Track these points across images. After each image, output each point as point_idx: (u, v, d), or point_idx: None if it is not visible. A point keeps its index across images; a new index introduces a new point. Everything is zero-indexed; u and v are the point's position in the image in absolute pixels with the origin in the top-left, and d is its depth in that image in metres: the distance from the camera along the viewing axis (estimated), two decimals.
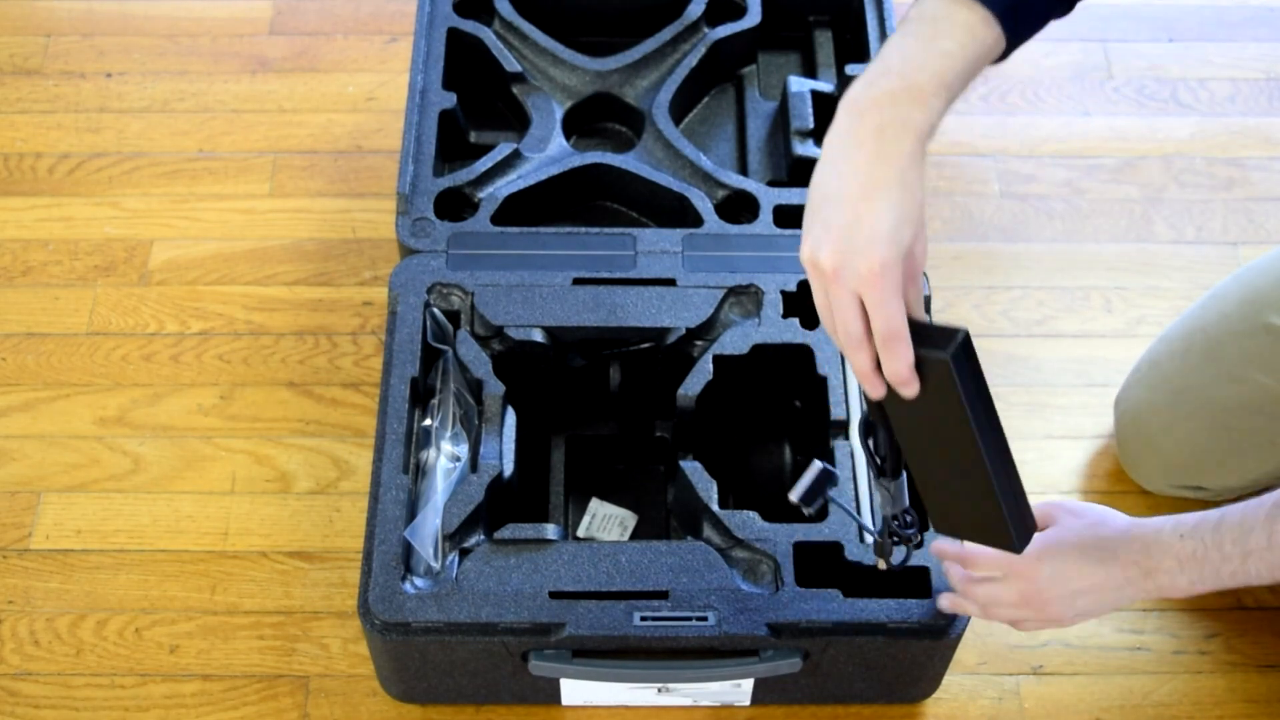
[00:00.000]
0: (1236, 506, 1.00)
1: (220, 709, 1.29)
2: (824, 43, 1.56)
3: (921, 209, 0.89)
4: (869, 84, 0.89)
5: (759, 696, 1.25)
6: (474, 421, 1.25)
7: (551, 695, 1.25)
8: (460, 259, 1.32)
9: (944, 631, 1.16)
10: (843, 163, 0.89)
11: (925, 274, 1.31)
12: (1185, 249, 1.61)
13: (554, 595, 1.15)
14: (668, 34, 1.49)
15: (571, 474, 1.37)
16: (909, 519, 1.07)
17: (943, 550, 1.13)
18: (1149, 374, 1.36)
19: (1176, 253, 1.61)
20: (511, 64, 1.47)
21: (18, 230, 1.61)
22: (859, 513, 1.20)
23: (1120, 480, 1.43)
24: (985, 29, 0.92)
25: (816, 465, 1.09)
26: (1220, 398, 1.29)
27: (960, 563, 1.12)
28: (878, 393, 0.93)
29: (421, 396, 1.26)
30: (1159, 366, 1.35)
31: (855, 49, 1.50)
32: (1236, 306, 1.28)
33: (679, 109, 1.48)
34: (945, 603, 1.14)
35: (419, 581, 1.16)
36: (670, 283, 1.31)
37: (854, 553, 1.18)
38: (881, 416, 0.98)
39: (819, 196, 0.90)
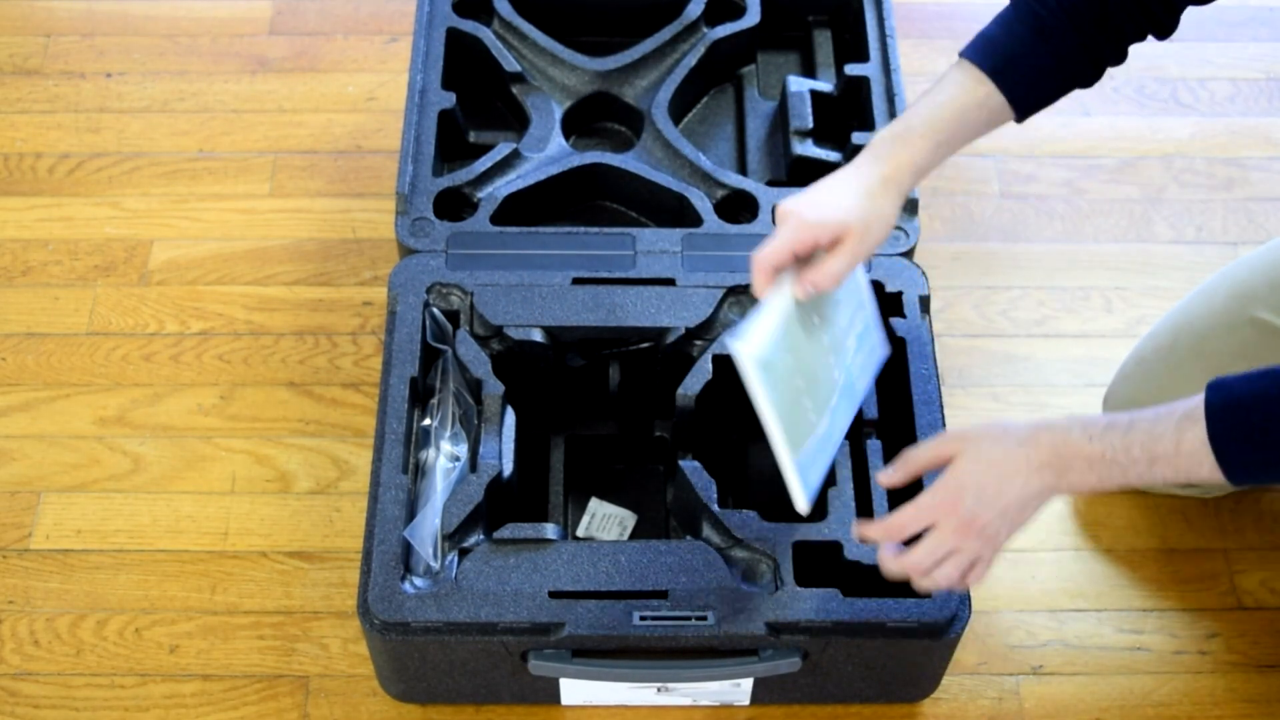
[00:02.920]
0: (1147, 412, 1.02)
1: (220, 709, 1.29)
2: (823, 42, 1.56)
3: (872, 216, 1.09)
4: (889, 127, 1.13)
5: (758, 696, 1.26)
6: (473, 421, 1.25)
7: (551, 695, 1.25)
8: (459, 259, 1.32)
9: (943, 631, 1.16)
10: (837, 173, 1.12)
11: (925, 274, 1.32)
12: (1185, 249, 1.61)
13: (553, 595, 1.15)
14: (667, 34, 1.49)
15: (571, 474, 1.37)
16: None
17: (866, 533, 1.10)
18: (1136, 370, 1.36)
19: (1176, 253, 1.61)
20: (511, 64, 1.47)
21: (18, 230, 1.61)
22: (858, 510, 1.20)
23: None
24: (976, 84, 1.11)
25: None
26: None
27: (886, 534, 1.09)
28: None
29: (421, 396, 1.26)
30: (1146, 363, 1.35)
31: (854, 49, 1.50)
32: (1223, 301, 1.29)
33: (678, 109, 1.48)
34: (891, 567, 1.09)
35: (418, 581, 1.16)
36: (669, 282, 1.31)
37: (853, 552, 1.18)
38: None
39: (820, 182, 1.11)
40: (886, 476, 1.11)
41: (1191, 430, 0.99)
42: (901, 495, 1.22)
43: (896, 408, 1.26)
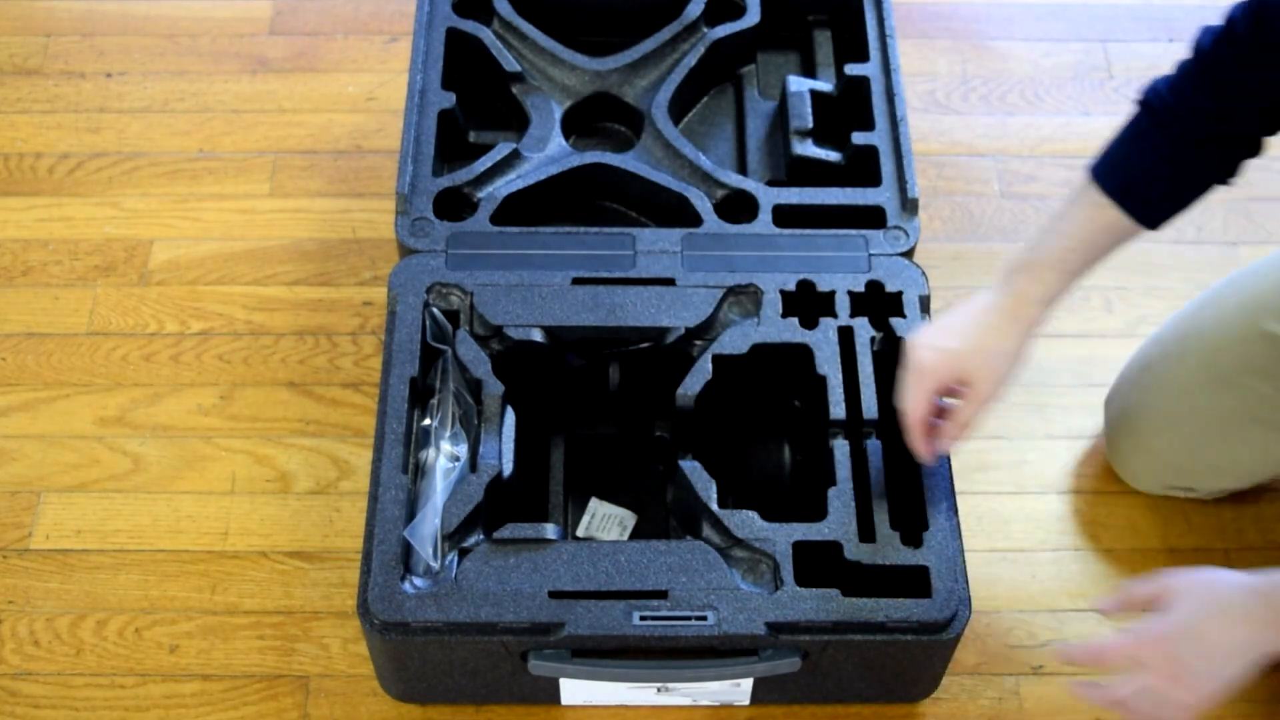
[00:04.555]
0: None
1: (220, 709, 1.29)
2: (823, 42, 1.56)
3: (994, 355, 1.12)
4: (1020, 252, 1.14)
5: (758, 696, 1.25)
6: (473, 421, 1.25)
7: (551, 695, 1.25)
8: (459, 259, 1.32)
9: (943, 631, 1.16)
10: (968, 310, 1.15)
11: (925, 274, 1.32)
12: (1185, 249, 1.61)
13: (553, 595, 1.15)
14: (667, 34, 1.49)
15: (571, 474, 1.37)
16: None
17: (1073, 656, 1.09)
18: (1142, 377, 1.36)
19: (1176, 253, 1.61)
20: (511, 64, 1.47)
21: (18, 230, 1.61)
22: (858, 510, 1.20)
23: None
24: (1103, 210, 1.10)
25: None
26: (1217, 403, 1.28)
27: (1093, 660, 1.08)
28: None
29: (421, 396, 1.26)
30: (1152, 370, 1.34)
31: (854, 49, 1.50)
32: (1234, 312, 1.28)
33: (678, 109, 1.48)
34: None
35: (418, 581, 1.16)
36: (669, 282, 1.31)
37: (853, 552, 1.18)
38: None
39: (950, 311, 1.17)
40: (1106, 607, 1.10)
41: None
42: (909, 500, 1.22)
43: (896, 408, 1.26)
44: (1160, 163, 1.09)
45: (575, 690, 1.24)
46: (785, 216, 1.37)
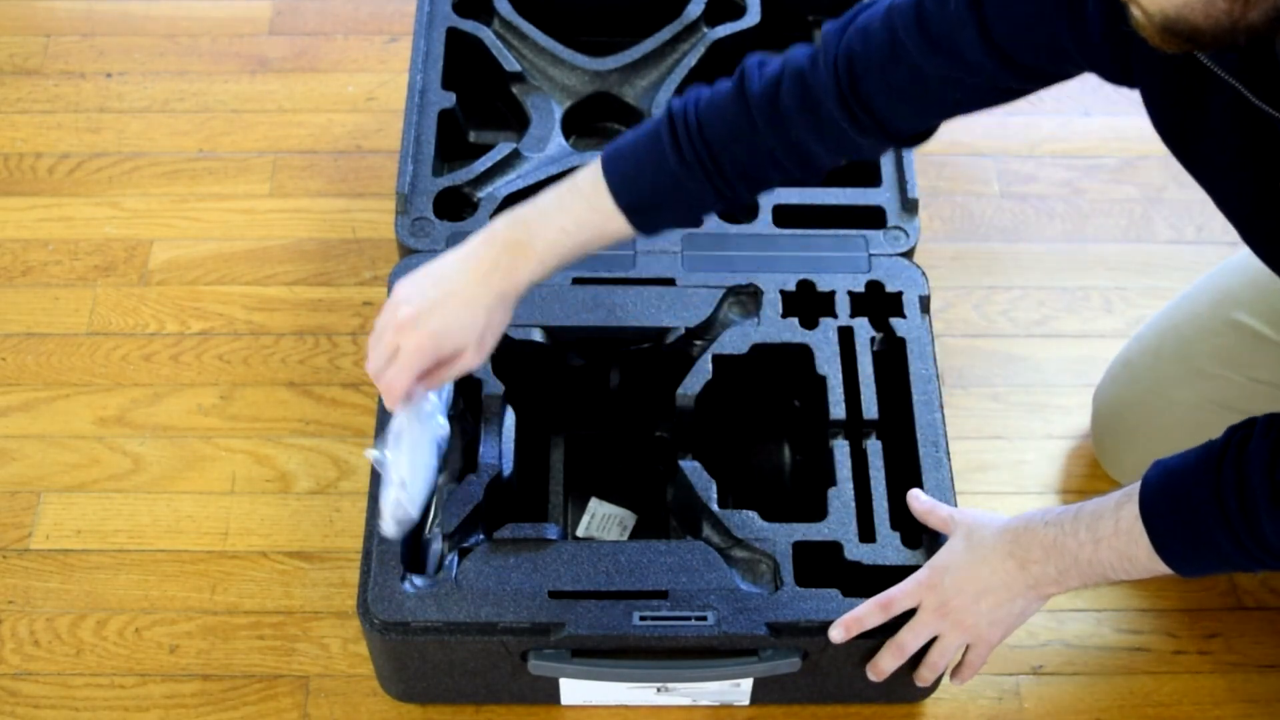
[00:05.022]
0: (1101, 497, 1.03)
1: (220, 709, 1.29)
2: None
3: (484, 330, 1.06)
4: (509, 221, 1.07)
5: (758, 696, 1.25)
6: (469, 417, 1.25)
7: (551, 695, 1.25)
8: None
9: None
10: (454, 265, 1.07)
11: (925, 274, 1.32)
12: (1185, 249, 1.61)
13: (553, 595, 1.15)
14: (667, 34, 1.49)
15: (571, 474, 1.37)
16: None
17: (853, 619, 1.13)
18: (1122, 373, 1.36)
19: (1176, 253, 1.61)
20: (511, 64, 1.47)
21: (18, 230, 1.61)
22: (858, 510, 1.20)
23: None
24: (609, 216, 1.06)
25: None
26: (1192, 395, 1.29)
27: (877, 606, 1.13)
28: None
29: None
30: (1131, 365, 1.35)
31: None
32: (1207, 305, 1.29)
33: None
34: (837, 634, 1.13)
35: (418, 581, 1.16)
36: (669, 282, 1.31)
37: (853, 552, 1.18)
38: None
39: (432, 267, 1.08)
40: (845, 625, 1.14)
41: (1128, 506, 1.00)
42: (904, 495, 1.22)
43: (896, 408, 1.26)
44: (674, 181, 1.06)
45: (575, 690, 1.24)
46: (785, 216, 1.37)
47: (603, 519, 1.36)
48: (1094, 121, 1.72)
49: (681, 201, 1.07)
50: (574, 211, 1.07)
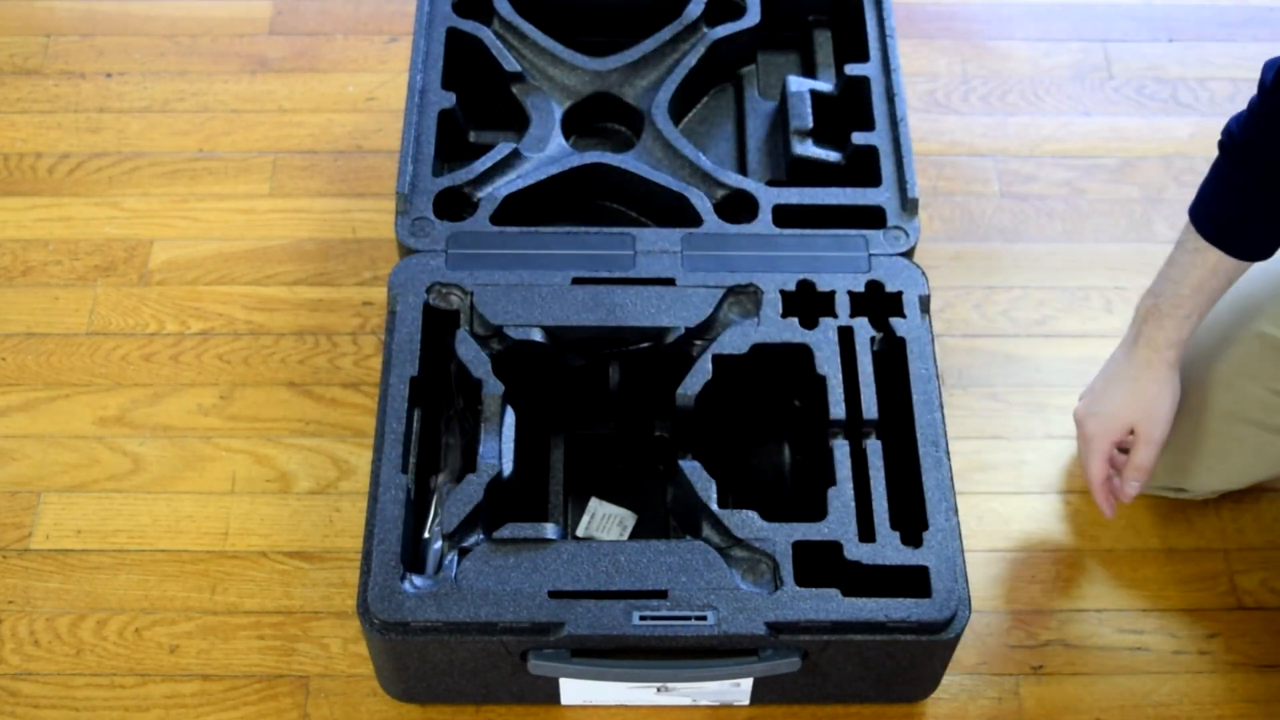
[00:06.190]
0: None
1: (220, 709, 1.29)
2: (823, 42, 1.56)
3: (1151, 401, 1.24)
4: (1145, 296, 1.23)
5: (758, 696, 1.25)
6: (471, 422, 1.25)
7: (551, 695, 1.25)
8: (459, 259, 1.32)
9: (943, 630, 1.16)
10: (1111, 359, 1.28)
11: (925, 274, 1.32)
12: None
13: (553, 595, 1.15)
14: (667, 34, 1.49)
15: (571, 474, 1.37)
16: None
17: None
18: None
19: None
20: (511, 64, 1.47)
21: (18, 230, 1.61)
22: (858, 510, 1.20)
23: None
24: (1203, 255, 1.17)
25: None
26: (1209, 404, 1.28)
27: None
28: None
29: (419, 396, 1.26)
30: None
31: (854, 48, 1.50)
32: (1228, 314, 1.28)
33: (678, 109, 1.48)
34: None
35: (418, 581, 1.16)
36: (669, 282, 1.31)
37: (853, 552, 1.18)
38: None
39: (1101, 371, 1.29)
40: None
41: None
42: (909, 500, 1.22)
43: (896, 408, 1.26)
44: (1247, 200, 1.13)
45: (575, 690, 1.24)
46: (785, 216, 1.37)
47: (603, 519, 1.36)
48: (1094, 121, 1.72)
49: (1261, 208, 1.14)
50: (1178, 264, 1.19)
